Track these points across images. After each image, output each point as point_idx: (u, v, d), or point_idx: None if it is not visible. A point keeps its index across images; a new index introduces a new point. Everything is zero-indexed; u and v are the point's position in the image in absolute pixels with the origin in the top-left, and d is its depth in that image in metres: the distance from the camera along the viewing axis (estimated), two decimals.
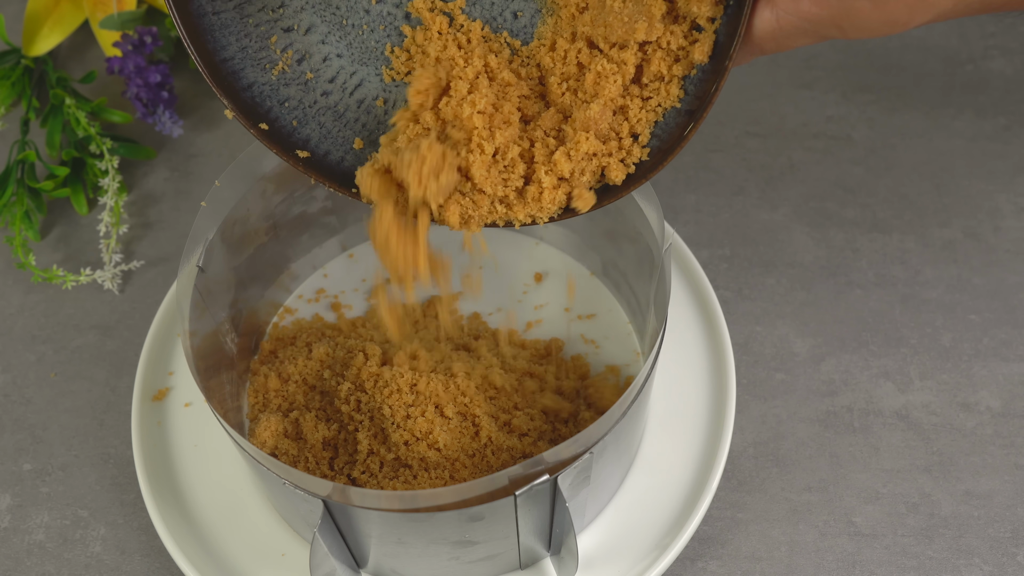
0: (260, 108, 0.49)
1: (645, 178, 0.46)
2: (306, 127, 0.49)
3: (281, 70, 0.49)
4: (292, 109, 0.49)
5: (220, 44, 0.48)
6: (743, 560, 0.55)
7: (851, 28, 0.40)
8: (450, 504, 0.45)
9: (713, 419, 0.56)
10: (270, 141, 0.49)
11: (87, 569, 0.56)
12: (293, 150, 0.49)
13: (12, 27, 0.83)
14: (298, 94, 0.50)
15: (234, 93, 0.48)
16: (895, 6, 0.39)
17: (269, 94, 0.49)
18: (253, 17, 0.49)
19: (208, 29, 0.48)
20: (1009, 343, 0.62)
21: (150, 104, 0.73)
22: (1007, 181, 0.70)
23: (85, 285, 0.67)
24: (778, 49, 0.43)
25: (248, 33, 0.49)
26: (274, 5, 0.49)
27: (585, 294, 0.63)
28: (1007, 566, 0.55)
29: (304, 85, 0.50)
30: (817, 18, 0.41)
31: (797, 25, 0.41)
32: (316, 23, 0.50)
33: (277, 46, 0.49)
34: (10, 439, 0.61)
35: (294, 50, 0.49)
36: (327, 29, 0.50)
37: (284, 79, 0.49)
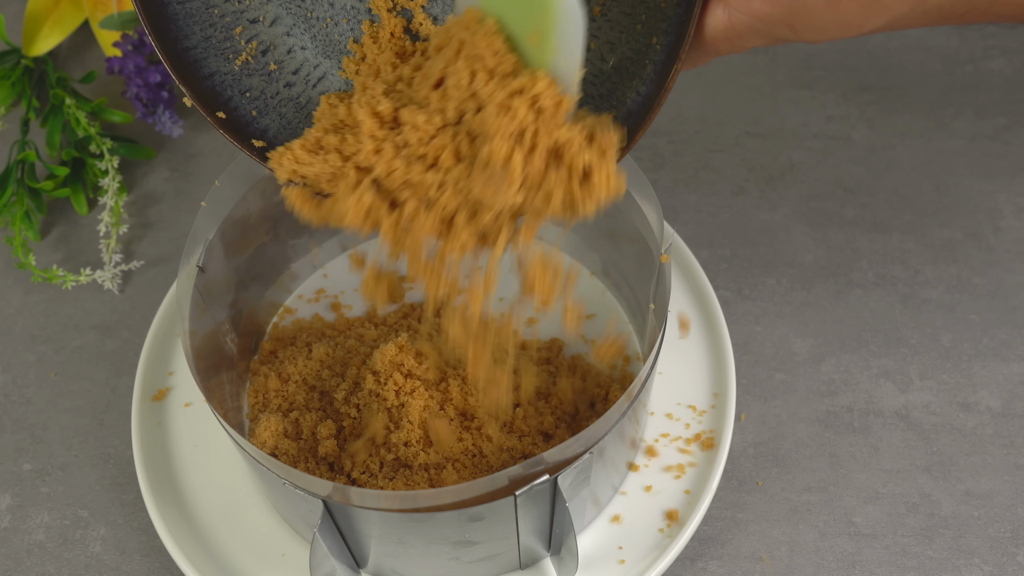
0: (220, 97, 0.48)
1: None
2: (266, 117, 0.49)
3: (244, 60, 0.49)
4: (253, 99, 0.49)
5: (183, 33, 0.48)
6: (743, 560, 0.55)
7: (804, 28, 0.40)
8: (450, 504, 0.45)
9: (713, 419, 0.56)
10: (227, 130, 0.48)
11: (87, 569, 0.56)
12: (249, 139, 0.48)
13: (12, 27, 0.83)
14: (260, 84, 0.49)
15: (194, 82, 0.48)
16: (848, 6, 0.38)
17: (231, 83, 0.49)
18: (219, 7, 0.48)
19: (172, 17, 0.47)
20: (1009, 343, 0.62)
21: (150, 104, 0.73)
22: (1007, 181, 0.70)
23: (85, 285, 0.67)
24: (732, 50, 0.42)
25: (213, 23, 0.48)
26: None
27: (585, 294, 0.63)
28: (1007, 566, 0.55)
29: (267, 76, 0.49)
30: (768, 17, 0.40)
31: (749, 24, 0.40)
32: (282, 15, 0.49)
33: (242, 37, 0.49)
34: (10, 439, 0.61)
35: (259, 41, 0.49)
36: (292, 21, 0.49)
37: (247, 69, 0.49)
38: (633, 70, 0.45)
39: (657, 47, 0.44)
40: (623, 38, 0.45)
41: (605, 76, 0.46)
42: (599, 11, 0.46)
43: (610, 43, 0.46)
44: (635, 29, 0.45)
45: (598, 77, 0.46)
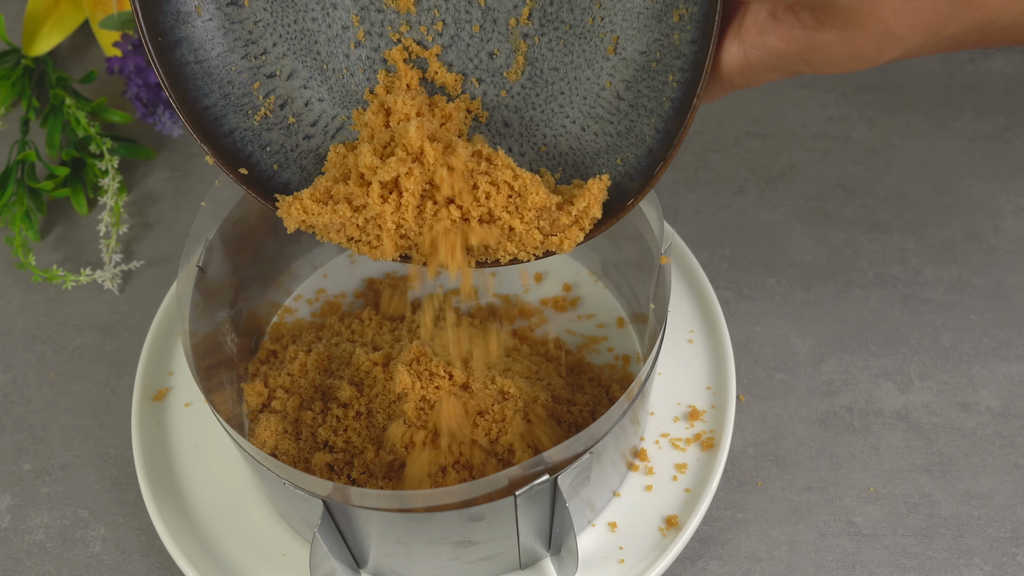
0: (241, 153, 0.49)
1: (617, 218, 0.46)
2: (287, 170, 0.50)
3: (263, 115, 0.50)
4: (274, 153, 0.50)
5: (202, 92, 0.48)
6: (743, 560, 0.55)
7: (819, 63, 0.40)
8: (450, 504, 0.45)
9: (713, 419, 0.56)
10: (249, 186, 0.49)
11: (87, 569, 0.56)
12: (273, 193, 0.49)
13: (12, 27, 0.83)
14: (280, 138, 0.50)
15: (215, 139, 0.48)
16: (863, 41, 0.39)
17: (251, 139, 0.49)
18: (236, 65, 0.49)
19: (190, 78, 0.48)
20: (1009, 343, 0.62)
21: (150, 104, 0.73)
22: (1007, 181, 0.70)
23: (85, 285, 0.67)
24: (749, 84, 0.43)
25: (231, 80, 0.49)
26: (256, 52, 0.49)
27: (585, 294, 0.63)
28: (1007, 566, 0.55)
29: (286, 129, 0.50)
30: (784, 53, 0.40)
31: (765, 60, 0.41)
32: (298, 68, 0.50)
33: (260, 92, 0.49)
34: (10, 439, 0.61)
35: (276, 95, 0.50)
36: (308, 74, 0.50)
37: (266, 124, 0.50)
38: (651, 107, 0.45)
39: (674, 84, 0.44)
40: (639, 76, 0.46)
41: (622, 114, 0.46)
42: (613, 50, 0.46)
43: (626, 81, 0.46)
44: (651, 67, 0.45)
45: (615, 115, 0.47)
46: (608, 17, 0.46)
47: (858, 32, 0.38)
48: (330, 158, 0.49)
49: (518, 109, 0.49)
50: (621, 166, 0.47)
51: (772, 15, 0.40)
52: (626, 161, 0.46)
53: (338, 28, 0.49)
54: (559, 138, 0.49)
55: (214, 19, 0.48)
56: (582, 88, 0.48)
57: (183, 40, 0.48)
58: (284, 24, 0.49)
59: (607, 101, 0.47)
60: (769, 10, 0.40)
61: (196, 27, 0.48)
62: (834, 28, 0.38)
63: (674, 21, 0.44)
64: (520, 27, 0.47)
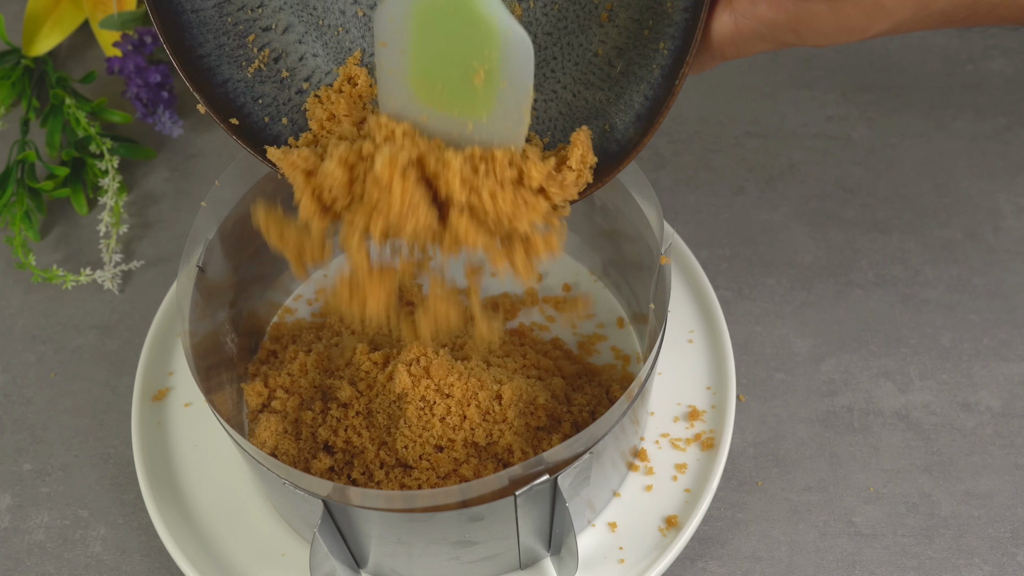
0: (233, 104, 0.49)
1: (602, 182, 0.46)
2: (278, 124, 0.50)
3: (257, 68, 0.50)
4: (266, 106, 0.50)
5: (197, 41, 0.48)
6: (743, 560, 0.55)
7: (808, 33, 0.40)
8: (450, 504, 0.45)
9: (713, 419, 0.56)
10: (240, 136, 0.49)
11: (87, 569, 0.56)
12: (262, 145, 0.49)
13: (12, 27, 0.83)
14: (273, 91, 0.50)
15: (208, 88, 0.48)
16: (852, 11, 0.39)
17: (243, 91, 0.49)
18: (232, 16, 0.49)
19: (186, 26, 0.48)
20: (1009, 343, 0.62)
21: (150, 104, 0.73)
22: (1007, 181, 0.70)
23: (85, 285, 0.67)
24: (739, 54, 0.43)
25: (226, 31, 0.49)
26: (253, 5, 0.49)
27: (585, 294, 0.63)
28: (1007, 566, 0.55)
29: (280, 83, 0.50)
30: (774, 23, 0.40)
31: (755, 29, 0.41)
32: (294, 23, 0.50)
33: (255, 44, 0.50)
34: (10, 439, 0.61)
35: (271, 48, 0.50)
36: (304, 29, 0.50)
37: (260, 76, 0.50)
38: (640, 74, 0.45)
39: (664, 51, 0.44)
40: (631, 43, 0.46)
41: (613, 80, 0.47)
42: (607, 16, 0.46)
43: (617, 48, 0.46)
44: (642, 34, 0.45)
45: (605, 82, 0.47)
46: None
47: (847, 3, 0.39)
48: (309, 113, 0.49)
49: None
50: (609, 132, 0.47)
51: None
52: (614, 127, 0.46)
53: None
54: (549, 103, 0.49)
55: None
56: (574, 54, 0.48)
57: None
58: None
59: (598, 67, 0.47)
60: None
61: None
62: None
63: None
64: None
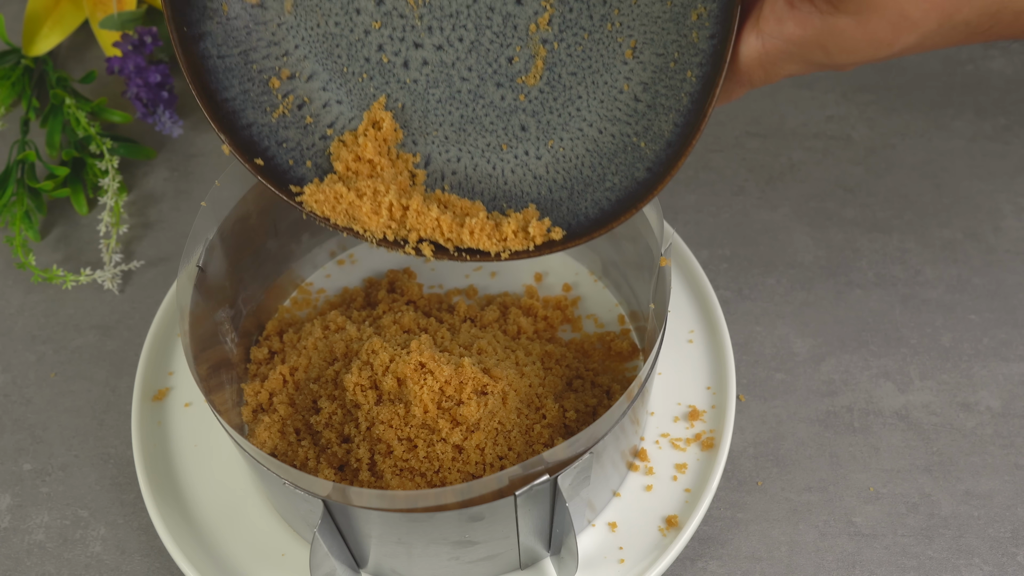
0: (258, 146, 0.50)
1: (636, 208, 0.47)
2: (302, 167, 0.51)
3: (281, 113, 0.51)
4: (290, 150, 0.51)
5: (223, 85, 0.49)
6: (743, 560, 0.55)
7: (836, 49, 0.41)
8: (450, 504, 0.45)
9: (713, 419, 0.56)
10: (265, 176, 0.50)
11: (87, 569, 0.56)
12: (287, 185, 0.50)
13: (12, 27, 0.83)
14: (296, 136, 0.51)
15: (233, 130, 0.50)
16: (878, 24, 0.39)
17: (268, 134, 0.50)
18: (257, 63, 0.50)
19: (212, 71, 0.49)
20: (1009, 343, 0.62)
21: (150, 104, 0.73)
22: (1007, 181, 0.70)
23: (85, 285, 0.67)
24: (767, 79, 0.43)
25: (251, 77, 0.50)
26: (278, 53, 0.50)
27: (585, 294, 0.63)
28: (1007, 566, 0.55)
29: (303, 128, 0.51)
30: (802, 40, 0.41)
31: (783, 49, 0.42)
32: (318, 70, 0.51)
33: (279, 91, 0.50)
34: (10, 439, 0.61)
35: (295, 95, 0.51)
36: (328, 76, 0.51)
37: (284, 122, 0.51)
38: (669, 104, 0.46)
39: (692, 79, 0.45)
40: (657, 77, 0.46)
41: (640, 115, 0.47)
42: (631, 53, 0.47)
43: (643, 83, 0.47)
44: (668, 67, 0.46)
45: (632, 116, 0.48)
46: (626, 23, 0.46)
47: (873, 16, 0.39)
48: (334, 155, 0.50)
49: (535, 113, 0.50)
50: (640, 163, 0.47)
51: (789, 3, 0.41)
52: (644, 158, 0.47)
53: (360, 33, 0.49)
54: (576, 141, 0.49)
55: (239, 18, 0.49)
56: (599, 92, 0.48)
57: (207, 34, 0.49)
58: (307, 27, 0.50)
59: (624, 103, 0.48)
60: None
61: (221, 24, 0.49)
62: (849, 12, 0.39)
63: (692, 20, 0.44)
64: (540, 32, 0.48)
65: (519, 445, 0.52)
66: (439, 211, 0.50)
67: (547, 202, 0.50)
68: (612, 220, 0.47)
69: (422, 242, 0.50)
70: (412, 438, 0.51)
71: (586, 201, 0.49)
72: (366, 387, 0.53)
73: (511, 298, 0.62)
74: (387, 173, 0.51)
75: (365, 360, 0.55)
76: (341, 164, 0.51)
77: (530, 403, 0.54)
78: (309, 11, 0.50)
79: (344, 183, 0.50)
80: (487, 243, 0.49)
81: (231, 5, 0.49)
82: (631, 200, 0.47)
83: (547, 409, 0.54)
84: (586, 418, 0.55)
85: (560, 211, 0.50)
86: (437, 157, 0.52)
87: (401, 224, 0.50)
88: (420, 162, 0.52)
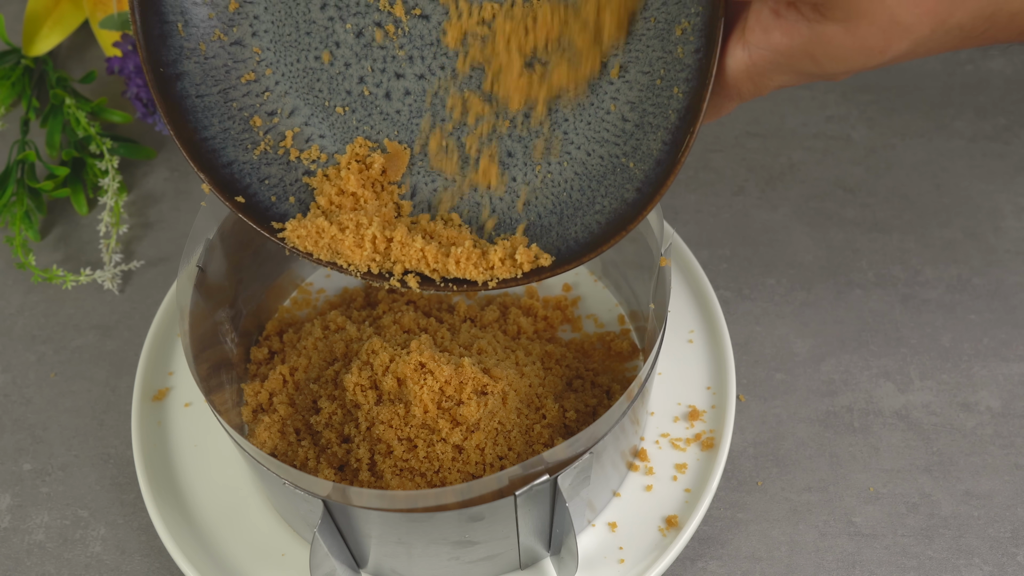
0: (239, 184, 0.49)
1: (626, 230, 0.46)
2: (284, 203, 0.50)
3: (263, 150, 0.50)
4: (272, 186, 0.50)
5: (202, 124, 0.48)
6: (743, 560, 0.55)
7: (825, 58, 0.39)
8: (450, 504, 0.45)
9: (713, 419, 0.57)
10: (246, 213, 0.49)
11: (87, 569, 0.56)
12: (269, 222, 0.49)
13: (12, 27, 0.83)
14: (279, 172, 0.50)
15: (213, 168, 0.48)
16: (868, 31, 0.38)
17: (249, 172, 0.49)
18: (237, 101, 0.49)
19: (191, 110, 0.48)
20: (1009, 343, 0.62)
21: (150, 104, 0.73)
22: (1007, 181, 0.70)
23: (85, 285, 0.67)
24: (756, 91, 0.42)
25: (231, 116, 0.49)
26: (258, 90, 0.49)
27: (585, 294, 0.63)
28: (1007, 566, 0.55)
29: (286, 165, 0.50)
30: (789, 49, 0.39)
31: (771, 59, 0.40)
32: (299, 106, 0.50)
33: (260, 129, 0.50)
34: (10, 439, 0.61)
35: (277, 132, 0.50)
36: (310, 112, 0.50)
37: (266, 159, 0.50)
38: (656, 123, 0.45)
39: (679, 95, 0.44)
40: (643, 96, 0.46)
41: (628, 135, 0.46)
42: (617, 73, 0.46)
43: (630, 103, 0.46)
44: (655, 85, 0.45)
45: (620, 136, 0.47)
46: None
47: (862, 22, 0.38)
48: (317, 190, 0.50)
49: (521, 139, 0.49)
50: (629, 184, 0.46)
51: (775, 12, 0.39)
52: (633, 178, 0.46)
53: (340, 66, 0.49)
54: (563, 165, 0.49)
55: (217, 57, 0.48)
56: (586, 114, 0.48)
57: (185, 74, 0.48)
58: (287, 63, 0.49)
59: (612, 124, 0.47)
60: (771, 7, 0.39)
61: (199, 63, 0.48)
62: (837, 20, 0.38)
63: (677, 35, 0.44)
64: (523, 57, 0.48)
65: (519, 445, 0.52)
66: (424, 242, 0.48)
67: (536, 228, 0.49)
68: (602, 243, 0.46)
69: (407, 274, 0.49)
70: (412, 438, 0.51)
71: (576, 225, 0.48)
72: (366, 387, 0.53)
73: (511, 298, 0.62)
74: (371, 206, 0.50)
75: (365, 360, 0.55)
76: (324, 199, 0.50)
77: (530, 403, 0.54)
78: (288, 47, 0.49)
79: (327, 217, 0.49)
80: (473, 272, 0.48)
81: (208, 44, 0.48)
82: (621, 222, 0.46)
83: (547, 409, 0.54)
84: (586, 418, 0.55)
85: (550, 236, 0.49)
86: (423, 188, 0.51)
87: (385, 256, 0.49)
88: (406, 193, 0.51)
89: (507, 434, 0.52)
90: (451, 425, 0.51)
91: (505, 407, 0.52)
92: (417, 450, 0.51)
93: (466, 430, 0.51)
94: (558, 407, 0.55)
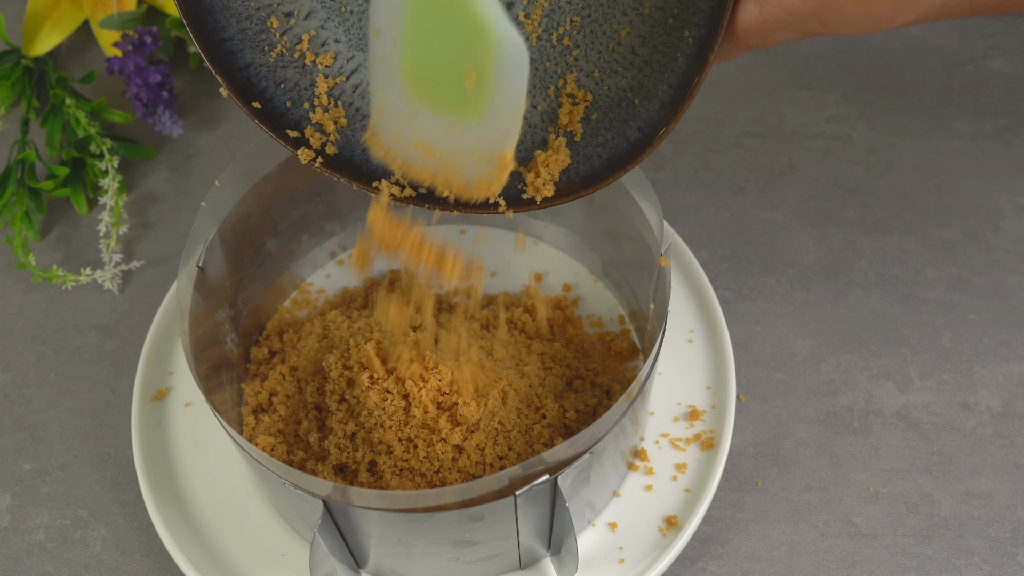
0: (255, 88, 0.49)
1: (624, 169, 0.46)
2: (299, 108, 0.50)
3: (279, 52, 0.50)
4: (288, 91, 0.50)
5: (220, 24, 0.49)
6: (743, 560, 0.55)
7: (834, 23, 0.40)
8: (450, 504, 0.45)
9: (713, 419, 0.56)
10: (262, 120, 0.49)
11: (87, 569, 0.56)
12: (284, 129, 0.49)
13: (12, 27, 0.83)
14: (295, 76, 0.50)
15: (230, 72, 0.49)
16: (878, 3, 0.39)
17: (266, 75, 0.50)
18: (255, 1, 0.49)
19: (209, 9, 0.48)
20: (1009, 343, 0.62)
21: (150, 104, 0.73)
22: (1007, 181, 0.70)
23: (85, 285, 0.67)
24: (763, 43, 0.43)
25: (249, 16, 0.49)
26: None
27: (585, 294, 0.63)
28: (1007, 566, 0.55)
29: (301, 68, 0.50)
30: (800, 11, 0.40)
31: (781, 18, 0.41)
32: (316, 8, 0.50)
33: (277, 30, 0.50)
34: (10, 439, 0.61)
35: (293, 34, 0.50)
36: (327, 15, 0.50)
37: (282, 61, 0.50)
38: (664, 63, 0.46)
39: (689, 39, 0.45)
40: (655, 32, 0.46)
41: (636, 68, 0.47)
42: (631, 5, 0.47)
43: (641, 36, 0.47)
44: (667, 23, 0.46)
45: (628, 69, 0.47)
46: None
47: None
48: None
49: (532, 61, 0.49)
50: (632, 121, 0.47)
51: None
52: (637, 116, 0.47)
53: None
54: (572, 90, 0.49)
55: None
56: (598, 42, 0.48)
57: None
58: None
59: (622, 56, 0.48)
60: None
61: None
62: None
63: None
64: None
65: (519, 445, 0.52)
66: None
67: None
68: (600, 180, 0.47)
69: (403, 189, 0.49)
70: (412, 438, 0.51)
71: (578, 156, 0.49)
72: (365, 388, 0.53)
73: (511, 298, 0.62)
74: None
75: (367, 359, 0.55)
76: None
77: (530, 403, 0.54)
78: None
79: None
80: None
81: None
82: (621, 161, 0.47)
83: (547, 409, 0.54)
84: (586, 418, 0.55)
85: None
86: None
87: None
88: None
89: (507, 434, 0.52)
90: (451, 425, 0.51)
91: (505, 407, 0.52)
92: (417, 450, 0.51)
93: (466, 430, 0.51)
94: (558, 407, 0.55)
